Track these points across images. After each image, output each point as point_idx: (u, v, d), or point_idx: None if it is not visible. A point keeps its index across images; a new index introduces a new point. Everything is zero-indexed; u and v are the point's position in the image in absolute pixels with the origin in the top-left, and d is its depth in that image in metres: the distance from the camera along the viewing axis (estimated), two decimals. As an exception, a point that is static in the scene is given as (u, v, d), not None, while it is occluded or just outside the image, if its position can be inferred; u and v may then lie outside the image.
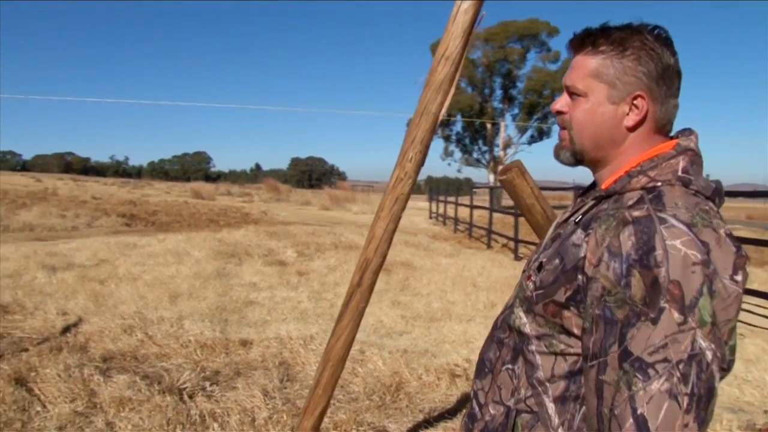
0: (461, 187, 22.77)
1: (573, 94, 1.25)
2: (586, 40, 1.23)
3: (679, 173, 1.16)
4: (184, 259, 10.29)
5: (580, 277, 1.13)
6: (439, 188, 29.65)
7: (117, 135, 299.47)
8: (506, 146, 46.60)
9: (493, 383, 1.31)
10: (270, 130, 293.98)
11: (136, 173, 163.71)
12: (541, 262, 1.24)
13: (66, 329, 5.69)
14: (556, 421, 1.18)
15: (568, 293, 1.15)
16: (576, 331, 1.15)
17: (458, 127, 48.59)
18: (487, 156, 47.81)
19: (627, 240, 1.05)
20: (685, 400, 0.98)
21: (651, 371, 0.99)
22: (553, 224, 1.39)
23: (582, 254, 1.13)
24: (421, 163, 2.92)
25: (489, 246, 16.12)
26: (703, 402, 0.99)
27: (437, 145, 49.13)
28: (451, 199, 23.98)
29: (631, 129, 1.22)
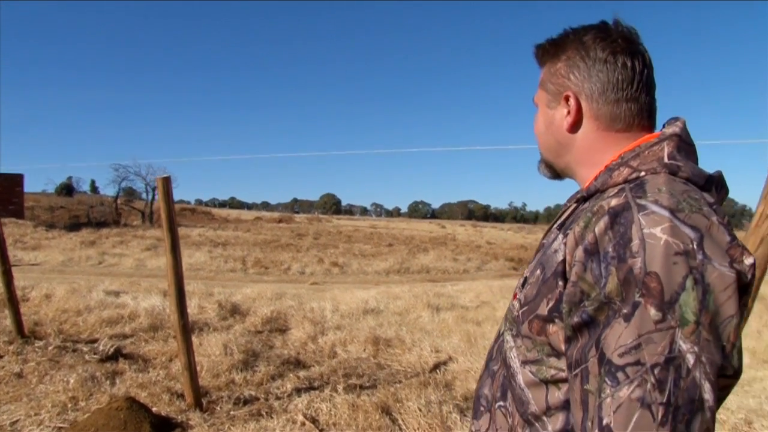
0: None
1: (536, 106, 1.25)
2: (536, 55, 1.24)
3: (665, 160, 1.04)
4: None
5: (560, 283, 1.00)
6: None
7: (515, 182, 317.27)
8: None
9: (491, 424, 1.16)
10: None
11: (533, 218, 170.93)
12: (525, 277, 1.13)
13: (436, 366, 6.01)
14: None
15: (550, 304, 1.01)
16: (564, 347, 0.99)
17: None
18: None
19: (603, 234, 0.93)
20: (660, 411, 0.83)
21: (620, 375, 0.86)
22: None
23: (560, 258, 1.01)
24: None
25: None
26: (682, 414, 0.83)
27: None
28: None
29: (571, 130, 1.17)
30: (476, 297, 11.17)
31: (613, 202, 0.96)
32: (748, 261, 0.91)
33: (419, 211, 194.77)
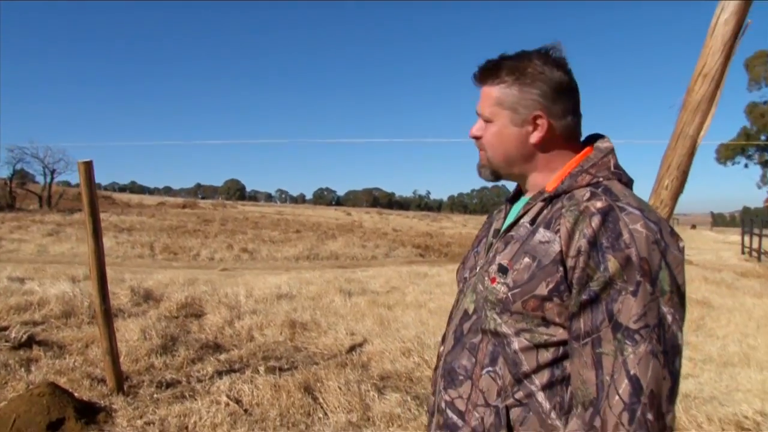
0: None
1: (484, 120, 1.42)
2: (487, 72, 1.39)
3: (612, 169, 1.34)
4: (468, 288, 10.57)
5: (560, 269, 1.24)
6: (756, 220, 25.88)
7: (420, 171, 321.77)
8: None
9: (474, 388, 1.36)
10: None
11: (437, 207, 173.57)
12: (500, 264, 1.34)
13: (352, 348, 6.26)
14: (547, 406, 1.27)
15: (551, 285, 1.24)
16: (558, 319, 1.26)
17: (779, 150, 42.94)
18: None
19: (598, 229, 1.19)
20: (662, 358, 1.15)
21: (637, 336, 1.15)
22: (490, 230, 1.53)
23: (558, 248, 1.24)
24: (679, 190, 2.69)
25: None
26: (670, 356, 1.16)
27: (754, 171, 43.82)
28: (769, 231, 21.15)
29: (538, 145, 1.38)
30: (386, 282, 11.48)
31: (598, 204, 1.22)
32: (682, 244, 1.23)
33: (324, 197, 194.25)
